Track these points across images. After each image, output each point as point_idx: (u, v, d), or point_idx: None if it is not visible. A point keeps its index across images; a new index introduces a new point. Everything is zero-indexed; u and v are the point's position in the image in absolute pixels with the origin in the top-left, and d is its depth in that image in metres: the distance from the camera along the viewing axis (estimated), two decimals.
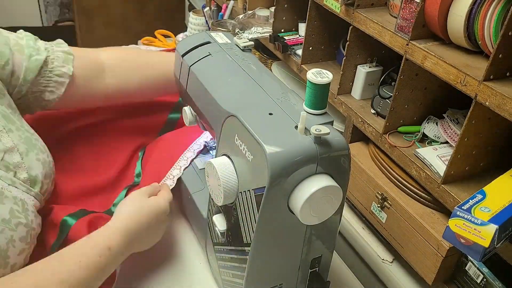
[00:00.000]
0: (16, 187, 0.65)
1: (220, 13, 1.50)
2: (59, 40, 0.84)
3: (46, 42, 0.83)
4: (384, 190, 0.87)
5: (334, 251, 0.73)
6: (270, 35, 1.20)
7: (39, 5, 2.72)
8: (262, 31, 1.24)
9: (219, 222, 0.71)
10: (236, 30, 1.27)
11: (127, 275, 0.81)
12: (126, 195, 0.86)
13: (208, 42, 0.83)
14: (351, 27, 0.91)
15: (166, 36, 1.62)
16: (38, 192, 0.69)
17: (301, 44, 1.12)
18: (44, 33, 2.94)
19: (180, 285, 0.81)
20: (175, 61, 0.86)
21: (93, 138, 0.94)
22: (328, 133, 0.57)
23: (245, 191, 0.62)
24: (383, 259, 0.91)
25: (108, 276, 0.67)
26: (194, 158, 0.89)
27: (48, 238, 0.72)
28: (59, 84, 0.79)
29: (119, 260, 0.68)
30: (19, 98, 0.77)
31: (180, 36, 1.63)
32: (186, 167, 0.87)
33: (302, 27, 1.19)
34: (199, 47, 0.82)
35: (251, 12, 1.31)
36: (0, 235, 0.59)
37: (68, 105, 0.84)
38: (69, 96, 0.80)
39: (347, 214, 1.01)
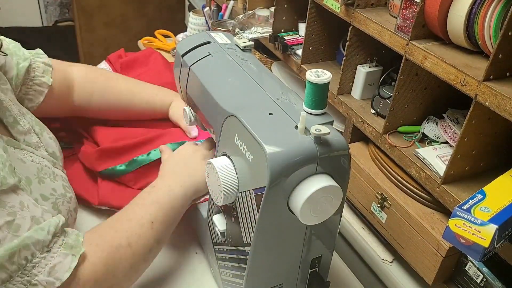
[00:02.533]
0: (56, 167, 0.71)
1: (220, 13, 1.50)
2: (39, 50, 0.87)
3: (28, 50, 0.85)
4: (384, 190, 0.87)
5: (334, 251, 0.73)
6: (270, 35, 1.20)
7: (39, 5, 2.72)
8: (262, 31, 1.24)
9: (219, 222, 0.71)
10: (236, 30, 1.27)
11: None
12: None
13: (208, 42, 0.83)
14: (351, 27, 0.91)
15: (166, 36, 1.62)
16: (63, 168, 0.75)
17: (301, 44, 1.12)
18: (44, 33, 2.96)
19: (179, 285, 0.81)
20: (175, 61, 0.86)
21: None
22: (328, 133, 0.57)
23: (245, 191, 0.62)
24: (383, 259, 0.91)
25: None
26: None
27: None
28: (38, 93, 0.82)
29: (173, 191, 0.74)
30: None
31: (180, 36, 1.64)
32: None
33: (302, 27, 1.19)
34: (199, 47, 0.82)
35: (251, 12, 1.31)
36: (62, 207, 0.65)
37: (43, 113, 0.85)
38: (46, 105, 0.83)
39: (347, 214, 1.01)
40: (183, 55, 0.82)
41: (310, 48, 1.10)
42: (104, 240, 0.63)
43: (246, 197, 0.62)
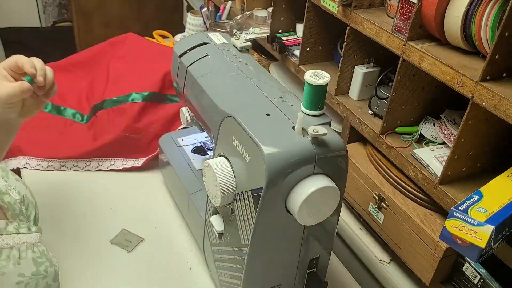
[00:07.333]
0: (22, 233, 0.64)
1: (218, 14, 1.50)
2: None
3: None
4: (381, 190, 0.87)
5: (331, 251, 0.73)
6: (268, 35, 1.20)
7: (38, 6, 2.71)
8: (260, 32, 1.24)
9: (217, 223, 0.71)
10: (234, 31, 1.27)
11: (125, 274, 0.81)
12: None
13: (206, 43, 0.83)
14: (348, 27, 0.92)
15: (164, 37, 1.62)
16: (35, 226, 0.67)
17: (298, 44, 1.12)
18: (43, 34, 2.95)
19: (177, 285, 0.81)
20: (173, 61, 0.86)
21: None
22: (325, 134, 0.57)
23: (242, 192, 0.62)
24: (380, 260, 0.91)
25: None
26: None
27: None
28: None
29: None
30: None
31: (178, 36, 1.63)
32: None
33: (299, 28, 1.19)
34: (197, 48, 0.82)
35: (249, 12, 1.31)
36: (38, 287, 0.60)
37: None
38: None
39: (344, 214, 1.01)
40: (180, 56, 0.82)
41: (308, 49, 1.10)
42: None
43: (243, 198, 0.62)
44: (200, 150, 0.96)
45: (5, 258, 0.59)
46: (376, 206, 0.89)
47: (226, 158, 0.65)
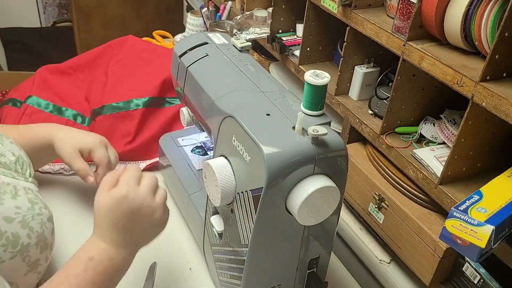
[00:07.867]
0: (19, 179, 0.68)
1: (218, 14, 1.50)
2: None
3: None
4: (381, 190, 0.87)
5: (331, 251, 0.73)
6: (268, 35, 1.21)
7: (38, 6, 2.71)
8: (260, 32, 1.24)
9: (217, 223, 0.71)
10: (234, 31, 1.27)
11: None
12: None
13: (206, 43, 0.83)
14: (348, 27, 0.92)
15: (164, 37, 1.62)
16: (31, 177, 0.72)
17: (298, 44, 1.12)
18: (43, 34, 2.95)
19: (177, 285, 0.81)
20: (173, 62, 0.86)
21: None
22: (325, 134, 0.57)
23: (242, 192, 0.62)
24: (380, 260, 0.92)
25: None
26: None
27: None
28: None
29: (116, 264, 0.63)
30: None
31: (178, 36, 1.63)
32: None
33: (299, 28, 1.19)
34: (197, 48, 0.82)
35: (249, 12, 1.31)
36: (33, 222, 0.62)
37: None
38: None
39: (344, 215, 1.01)
40: (180, 56, 0.82)
41: (308, 49, 1.10)
42: None
43: (243, 198, 0.62)
44: (200, 150, 0.96)
45: (2, 192, 0.62)
46: (376, 206, 0.89)
47: (226, 158, 0.65)
